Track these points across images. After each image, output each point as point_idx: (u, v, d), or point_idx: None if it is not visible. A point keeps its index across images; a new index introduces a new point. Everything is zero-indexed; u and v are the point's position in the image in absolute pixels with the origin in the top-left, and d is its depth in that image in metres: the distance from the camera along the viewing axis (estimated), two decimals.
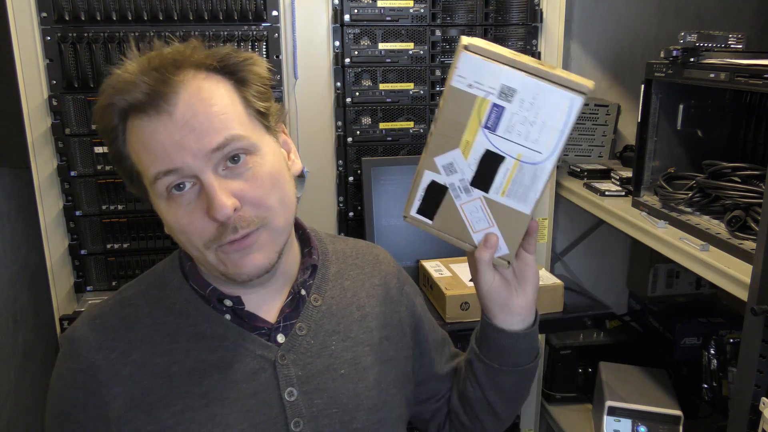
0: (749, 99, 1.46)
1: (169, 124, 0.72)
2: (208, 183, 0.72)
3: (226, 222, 0.73)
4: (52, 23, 1.34)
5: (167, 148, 0.72)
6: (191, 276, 0.84)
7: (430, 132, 0.76)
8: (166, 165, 0.72)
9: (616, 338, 1.85)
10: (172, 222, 0.76)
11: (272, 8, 1.43)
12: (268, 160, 0.78)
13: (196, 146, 0.72)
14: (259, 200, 0.76)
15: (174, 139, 0.72)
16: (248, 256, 0.76)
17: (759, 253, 1.04)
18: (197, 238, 0.75)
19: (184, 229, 0.75)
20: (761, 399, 1.05)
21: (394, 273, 1.01)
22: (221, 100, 0.75)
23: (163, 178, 0.73)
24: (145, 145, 0.73)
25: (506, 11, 1.55)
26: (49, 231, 1.44)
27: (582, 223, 2.13)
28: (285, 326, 0.84)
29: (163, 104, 0.72)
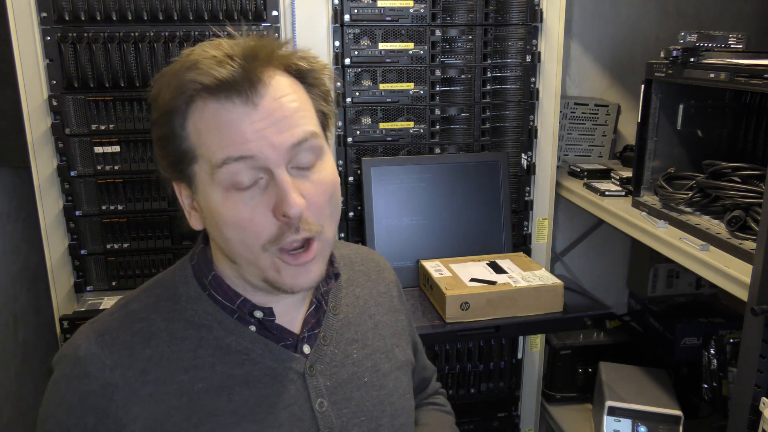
0: (749, 99, 1.46)
1: (252, 114, 0.70)
2: (282, 178, 0.70)
3: (292, 221, 0.71)
4: (52, 23, 1.34)
5: (247, 134, 0.70)
6: (214, 286, 0.80)
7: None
8: (241, 151, 0.70)
9: (616, 338, 1.85)
10: (228, 215, 0.71)
11: (272, 8, 1.43)
12: (330, 166, 0.77)
13: (277, 139, 0.70)
14: (320, 207, 0.75)
15: (255, 128, 0.70)
16: (305, 269, 0.75)
17: (759, 253, 1.04)
18: (255, 237, 0.72)
19: (244, 224, 0.71)
20: (761, 399, 1.05)
21: (394, 281, 1.01)
22: (299, 98, 0.75)
23: (232, 164, 0.70)
24: (218, 129, 0.70)
25: (506, 11, 1.55)
26: (49, 231, 1.44)
27: (582, 223, 2.13)
28: (309, 336, 0.83)
29: (251, 93, 0.70)
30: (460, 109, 1.58)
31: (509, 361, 1.73)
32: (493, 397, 1.74)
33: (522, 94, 1.60)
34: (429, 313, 1.38)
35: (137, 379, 0.75)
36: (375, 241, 1.51)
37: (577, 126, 1.93)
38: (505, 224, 1.59)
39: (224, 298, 0.80)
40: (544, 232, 1.70)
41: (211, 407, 0.75)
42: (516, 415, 1.78)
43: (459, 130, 1.59)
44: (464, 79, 1.57)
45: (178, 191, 0.79)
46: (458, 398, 1.71)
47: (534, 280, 1.39)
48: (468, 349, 1.68)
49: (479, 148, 1.61)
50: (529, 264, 1.49)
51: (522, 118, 1.62)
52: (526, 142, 1.64)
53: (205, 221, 0.77)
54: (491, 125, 1.61)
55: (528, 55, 1.58)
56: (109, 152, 1.43)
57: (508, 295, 1.35)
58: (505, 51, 1.58)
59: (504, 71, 1.59)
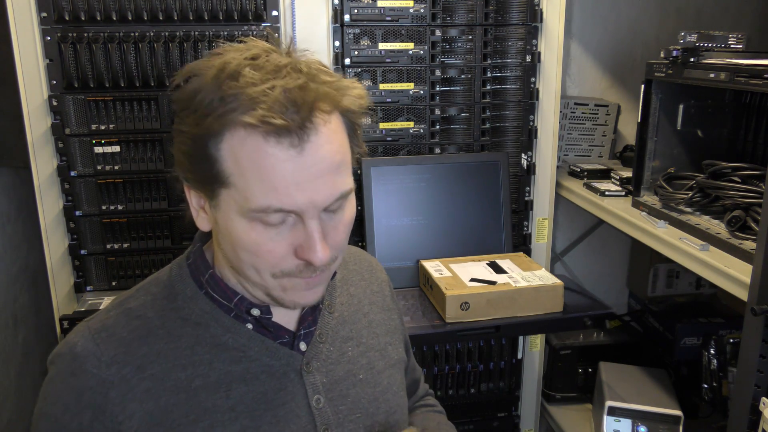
0: (749, 99, 1.46)
1: (298, 160, 0.66)
2: (313, 228, 0.70)
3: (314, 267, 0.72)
4: (52, 23, 1.34)
5: (289, 185, 0.67)
6: (212, 285, 0.80)
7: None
8: (282, 204, 0.67)
9: (616, 338, 1.85)
10: (247, 242, 0.70)
11: (272, 8, 1.43)
12: (353, 201, 0.77)
13: (316, 197, 0.68)
14: (340, 245, 0.75)
15: (297, 179, 0.67)
16: (312, 290, 0.76)
17: (759, 253, 1.04)
18: (269, 266, 0.72)
19: (260, 253, 0.71)
20: (761, 399, 1.05)
21: (386, 281, 1.02)
22: (344, 149, 0.72)
23: (271, 214, 0.68)
24: (261, 170, 0.66)
25: (506, 11, 1.55)
26: (49, 231, 1.44)
27: (582, 223, 2.13)
28: (305, 334, 0.84)
29: (301, 137, 0.66)
30: (460, 109, 1.58)
31: (509, 361, 1.73)
32: (493, 397, 1.74)
33: (522, 94, 1.60)
34: (429, 313, 1.38)
35: (134, 375, 0.74)
36: (375, 241, 1.51)
37: (577, 126, 1.93)
38: (505, 224, 1.59)
39: (221, 296, 0.80)
40: (544, 232, 1.70)
41: (208, 403, 0.76)
42: (516, 415, 1.78)
43: (459, 130, 1.59)
44: (464, 79, 1.57)
45: (188, 191, 0.76)
46: (458, 398, 1.71)
47: (534, 280, 1.39)
48: (468, 349, 1.68)
49: (479, 148, 1.61)
50: (529, 264, 1.49)
51: (522, 118, 1.62)
52: (526, 142, 1.64)
53: (219, 233, 0.75)
54: (491, 125, 1.61)
55: (528, 55, 1.58)
56: (109, 152, 1.43)
57: (508, 295, 1.35)
58: (505, 51, 1.58)
59: (504, 71, 1.59)
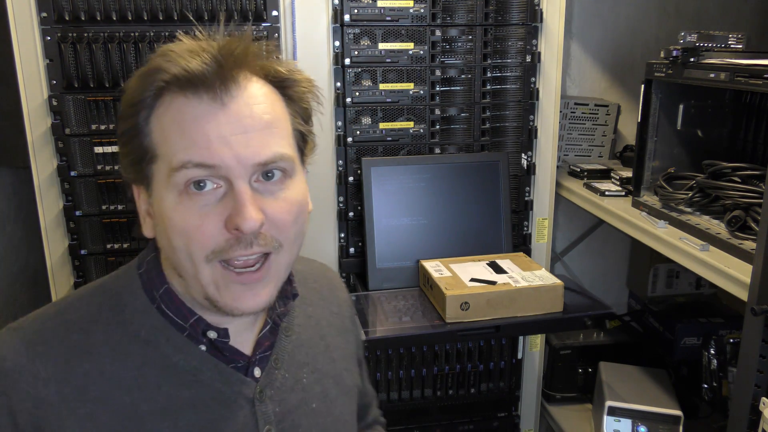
0: (749, 99, 1.46)
1: (220, 115, 0.65)
2: (241, 191, 0.66)
3: (244, 236, 0.66)
4: (52, 23, 1.34)
5: (211, 139, 0.64)
6: (166, 301, 0.74)
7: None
8: (203, 157, 0.65)
9: (616, 338, 1.85)
10: (177, 221, 0.67)
11: (272, 8, 1.43)
12: (300, 188, 0.73)
13: (243, 152, 0.65)
14: (282, 224, 0.70)
15: (222, 132, 0.65)
16: (251, 291, 0.70)
17: (759, 253, 1.04)
18: (200, 246, 0.67)
19: (190, 232, 0.66)
20: (761, 399, 1.05)
21: (347, 301, 0.97)
22: (275, 111, 0.70)
23: (191, 168, 0.65)
24: (182, 127, 0.65)
25: (506, 11, 1.55)
26: (49, 231, 1.44)
27: (582, 223, 2.13)
28: (261, 359, 0.78)
29: (222, 91, 0.65)
30: (460, 109, 1.58)
31: (509, 361, 1.73)
32: (493, 397, 1.74)
33: (522, 94, 1.60)
34: (429, 313, 1.38)
35: (75, 397, 0.67)
36: (375, 241, 1.51)
37: (577, 126, 1.93)
38: (505, 224, 1.59)
39: (176, 314, 0.74)
40: (544, 232, 1.70)
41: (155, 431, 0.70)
42: (516, 415, 1.78)
43: (459, 130, 1.59)
44: (464, 79, 1.57)
45: (137, 194, 0.74)
46: (458, 398, 1.71)
47: (534, 280, 1.39)
48: (468, 349, 1.68)
49: (479, 148, 1.61)
50: (529, 264, 1.49)
51: (522, 118, 1.62)
52: (526, 142, 1.64)
53: (156, 228, 0.72)
54: (491, 125, 1.61)
55: (528, 55, 1.58)
56: (109, 152, 1.43)
57: (508, 295, 1.35)
58: (505, 51, 1.58)
59: (504, 71, 1.59)
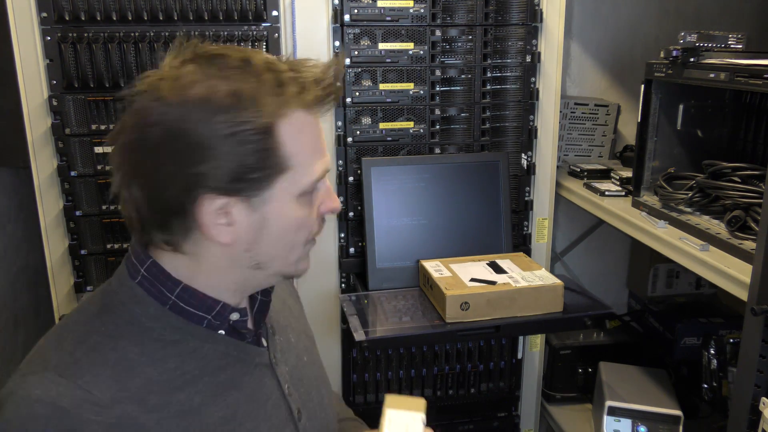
0: (749, 99, 1.46)
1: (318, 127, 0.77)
2: (329, 184, 0.81)
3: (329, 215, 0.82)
4: (52, 23, 1.34)
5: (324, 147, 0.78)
6: (185, 298, 0.76)
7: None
8: (327, 164, 0.78)
9: (616, 338, 1.85)
10: (301, 218, 0.77)
11: (272, 8, 1.43)
12: None
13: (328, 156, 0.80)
14: None
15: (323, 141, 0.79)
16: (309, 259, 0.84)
17: (759, 253, 1.04)
18: (308, 233, 0.80)
19: (303, 224, 0.78)
20: (761, 399, 1.05)
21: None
22: None
23: (324, 176, 0.79)
24: (313, 143, 0.76)
25: (506, 11, 1.55)
26: (49, 231, 1.44)
27: (582, 223, 2.13)
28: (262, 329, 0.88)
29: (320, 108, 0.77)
30: (460, 109, 1.58)
31: (509, 361, 1.73)
32: (493, 397, 1.74)
33: (522, 94, 1.60)
34: (429, 313, 1.38)
35: (139, 410, 0.69)
36: (375, 241, 1.51)
37: (577, 126, 1.93)
38: (505, 224, 1.59)
39: (198, 308, 0.77)
40: (544, 232, 1.70)
41: (216, 417, 0.75)
42: (516, 415, 1.78)
43: (459, 130, 1.59)
44: (464, 79, 1.57)
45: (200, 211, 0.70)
46: (458, 398, 1.71)
47: (534, 280, 1.39)
48: (468, 349, 1.68)
49: (479, 148, 1.61)
50: (529, 264, 1.49)
51: (522, 118, 1.62)
52: (526, 142, 1.64)
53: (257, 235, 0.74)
54: (491, 125, 1.61)
55: (528, 55, 1.58)
56: (109, 152, 1.43)
57: (508, 295, 1.35)
58: (505, 51, 1.58)
59: (504, 71, 1.59)
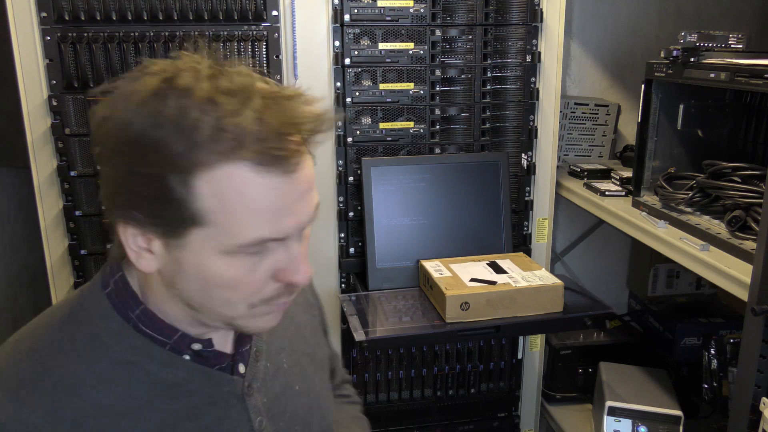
0: (749, 99, 1.46)
1: (287, 186, 0.63)
2: (297, 250, 0.67)
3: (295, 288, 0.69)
4: (52, 23, 1.34)
5: (279, 213, 0.63)
6: (143, 321, 0.71)
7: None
8: (274, 233, 0.64)
9: (616, 338, 1.85)
10: (227, 278, 0.65)
11: (272, 8, 1.43)
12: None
13: (304, 217, 0.66)
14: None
15: (287, 204, 0.64)
16: (276, 315, 0.73)
17: (759, 253, 1.04)
18: (247, 296, 0.67)
19: (240, 286, 0.66)
20: (761, 399, 1.05)
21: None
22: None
23: (265, 243, 0.64)
24: (249, 203, 0.62)
25: (506, 11, 1.55)
26: (49, 231, 1.44)
27: (582, 223, 2.13)
28: (242, 353, 0.79)
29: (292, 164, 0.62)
30: (460, 109, 1.58)
31: (509, 361, 1.73)
32: (493, 397, 1.74)
33: (522, 94, 1.60)
34: (429, 313, 1.38)
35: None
36: (375, 241, 1.51)
37: (577, 126, 1.93)
38: (505, 224, 1.59)
39: (157, 332, 0.72)
40: (544, 232, 1.70)
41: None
42: (516, 415, 1.78)
43: (459, 130, 1.59)
44: (464, 79, 1.57)
45: (123, 231, 0.65)
46: (458, 398, 1.71)
47: (534, 280, 1.39)
48: (468, 349, 1.68)
49: (479, 148, 1.61)
50: (529, 264, 1.49)
51: (522, 118, 1.62)
52: (526, 142, 1.64)
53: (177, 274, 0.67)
54: (491, 125, 1.61)
55: (528, 55, 1.58)
56: None
57: (508, 295, 1.35)
58: (505, 51, 1.58)
59: (504, 71, 1.59)
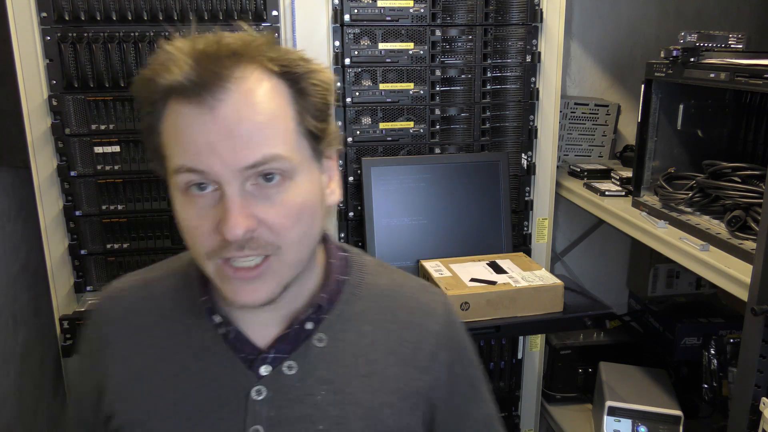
0: (749, 99, 1.46)
1: (208, 122, 0.64)
2: (230, 197, 0.66)
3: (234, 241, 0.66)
4: (52, 23, 1.34)
5: (199, 146, 0.65)
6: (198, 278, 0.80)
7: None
8: (193, 163, 0.66)
9: (616, 338, 1.85)
10: (181, 219, 0.70)
11: (272, 8, 1.43)
12: (304, 188, 0.70)
13: (229, 157, 0.65)
14: (279, 228, 0.68)
15: (208, 139, 0.65)
16: (249, 286, 0.70)
17: (759, 253, 1.04)
18: (200, 245, 0.69)
19: (191, 231, 0.69)
20: (761, 399, 1.05)
21: (437, 333, 0.81)
22: (271, 111, 0.67)
23: (184, 173, 0.66)
24: (176, 133, 0.66)
25: (506, 11, 1.55)
26: (49, 231, 1.44)
27: (582, 223, 2.13)
28: (275, 358, 0.76)
29: (208, 97, 0.64)
30: (460, 109, 1.58)
31: (509, 361, 1.73)
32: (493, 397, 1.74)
33: (522, 94, 1.60)
34: None
35: (127, 340, 0.80)
36: (375, 241, 1.51)
37: (577, 126, 1.93)
38: (505, 224, 1.59)
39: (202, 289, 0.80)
40: (544, 232, 1.70)
41: (161, 388, 0.77)
42: (516, 415, 1.78)
43: (459, 130, 1.59)
44: (464, 79, 1.57)
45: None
46: None
47: (534, 280, 1.39)
48: None
49: (479, 148, 1.61)
50: (529, 264, 1.49)
51: (522, 118, 1.62)
52: (526, 142, 1.63)
53: None
54: (491, 125, 1.61)
55: (528, 55, 1.58)
56: (109, 152, 1.43)
57: (508, 295, 1.35)
58: (505, 51, 1.58)
59: (504, 71, 1.59)
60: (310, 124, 0.70)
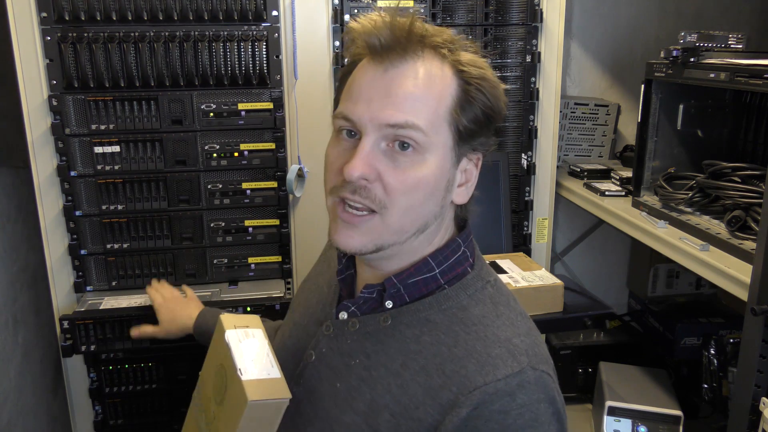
0: (749, 99, 1.46)
1: (378, 79, 0.75)
2: (363, 144, 0.74)
3: (350, 183, 0.75)
4: (52, 23, 1.34)
5: (362, 98, 0.75)
6: None
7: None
8: (348, 111, 0.76)
9: (616, 338, 1.85)
10: (326, 155, 0.81)
11: (272, 8, 1.43)
12: (430, 170, 0.76)
13: (377, 112, 0.74)
14: (391, 190, 0.75)
15: (370, 94, 0.75)
16: (347, 231, 0.77)
17: (759, 253, 1.04)
18: (329, 179, 0.79)
19: (328, 167, 0.80)
20: (761, 399, 1.05)
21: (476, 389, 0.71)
22: (430, 91, 0.75)
23: (340, 119, 0.77)
24: (352, 84, 0.78)
25: (506, 11, 1.55)
26: (49, 231, 1.44)
27: (582, 223, 2.13)
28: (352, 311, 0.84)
29: (387, 62, 0.75)
30: None
31: None
32: None
33: (522, 94, 1.60)
34: None
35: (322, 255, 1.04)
36: None
37: (577, 126, 1.93)
38: (505, 224, 1.59)
39: None
40: (544, 232, 1.70)
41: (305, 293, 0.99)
42: None
43: None
44: None
45: None
46: None
47: (534, 280, 1.39)
48: None
49: None
50: (529, 264, 1.49)
51: (522, 118, 1.62)
52: (526, 142, 1.63)
53: None
54: None
55: (528, 55, 1.58)
56: (109, 152, 1.43)
57: None
58: (505, 51, 1.58)
59: (504, 71, 1.59)
60: (461, 123, 0.77)
